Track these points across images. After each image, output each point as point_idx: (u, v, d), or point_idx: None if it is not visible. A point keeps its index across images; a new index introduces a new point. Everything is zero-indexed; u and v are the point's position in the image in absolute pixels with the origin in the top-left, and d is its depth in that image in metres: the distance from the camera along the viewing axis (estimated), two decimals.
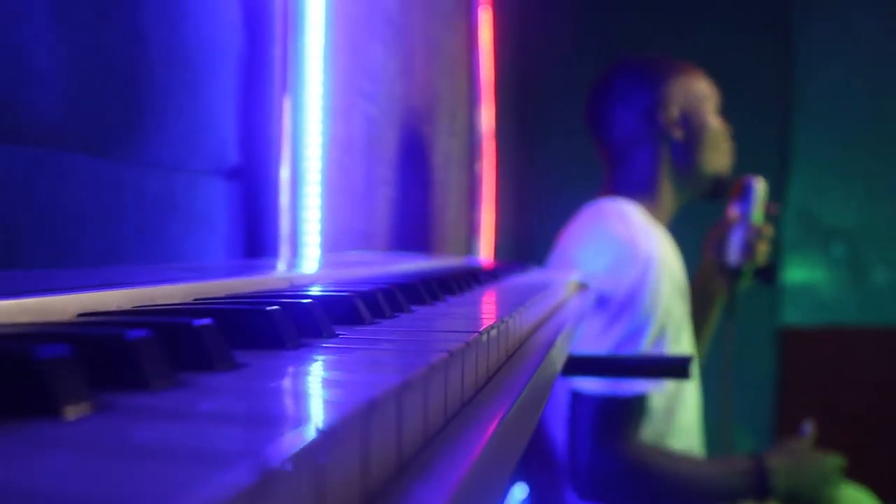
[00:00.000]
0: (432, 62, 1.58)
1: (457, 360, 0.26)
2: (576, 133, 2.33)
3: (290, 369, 0.24)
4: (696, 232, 1.36)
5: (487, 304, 0.50)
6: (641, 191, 1.24)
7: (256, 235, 0.87)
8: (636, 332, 1.10)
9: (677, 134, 1.24)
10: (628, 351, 1.08)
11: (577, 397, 1.09)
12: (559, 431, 1.17)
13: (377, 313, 0.37)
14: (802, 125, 2.28)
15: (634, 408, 1.08)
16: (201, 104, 0.79)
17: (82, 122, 0.63)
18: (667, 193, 1.25)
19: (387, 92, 1.28)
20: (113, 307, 0.35)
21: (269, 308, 0.28)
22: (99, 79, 0.65)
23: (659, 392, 1.15)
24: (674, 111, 1.24)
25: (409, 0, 1.40)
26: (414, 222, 1.44)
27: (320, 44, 0.91)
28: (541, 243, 2.32)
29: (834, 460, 1.15)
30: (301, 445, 0.15)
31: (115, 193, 0.67)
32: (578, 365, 0.79)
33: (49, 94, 0.59)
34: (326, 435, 0.16)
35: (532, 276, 0.88)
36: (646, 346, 1.09)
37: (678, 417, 1.19)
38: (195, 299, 0.40)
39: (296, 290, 0.43)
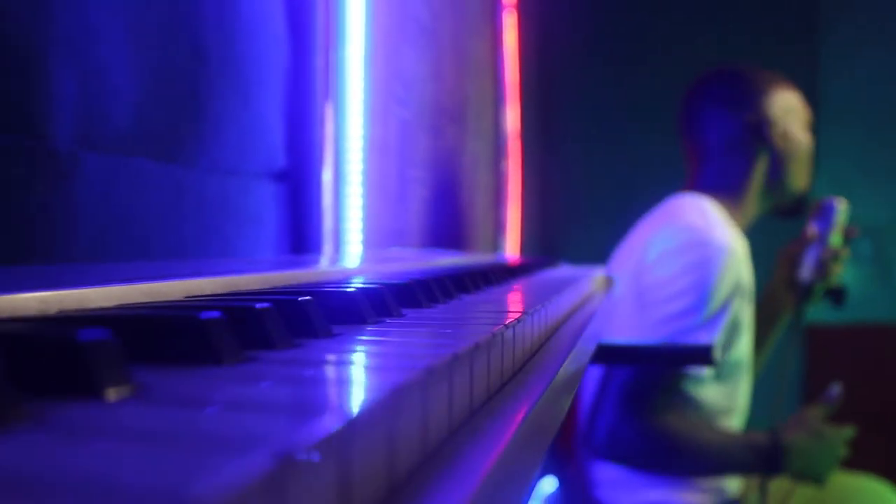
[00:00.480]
0: (460, 66, 1.64)
1: (510, 332, 0.32)
2: (597, 132, 2.36)
3: (378, 337, 0.30)
4: (767, 247, 1.37)
5: (525, 293, 0.55)
6: (728, 195, 1.26)
7: (302, 233, 0.93)
8: (692, 310, 1.11)
9: (780, 147, 1.27)
10: (681, 327, 1.10)
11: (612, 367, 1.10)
12: (587, 396, 1.20)
13: (432, 299, 0.43)
14: (828, 124, 2.29)
15: (665, 383, 1.10)
16: (253, 113, 0.85)
17: (151, 132, 0.69)
18: (751, 203, 1.27)
19: (418, 96, 1.34)
20: (207, 292, 0.41)
21: (349, 290, 0.34)
22: (165, 92, 0.71)
23: (717, 388, 1.16)
24: (780, 125, 1.27)
25: (439, 7, 1.46)
26: (444, 220, 1.49)
27: (360, 54, 0.97)
28: (565, 240, 2.36)
29: (847, 433, 1.16)
30: (410, 379, 0.20)
31: (178, 195, 0.73)
32: (606, 352, 0.84)
33: (124, 107, 0.66)
34: (427, 371, 0.21)
35: (561, 270, 0.93)
36: (700, 322, 1.10)
37: (728, 421, 1.21)
38: (272, 287, 0.45)
39: (362, 280, 0.49)
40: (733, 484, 1.21)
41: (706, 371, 1.13)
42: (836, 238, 1.30)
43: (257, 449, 0.14)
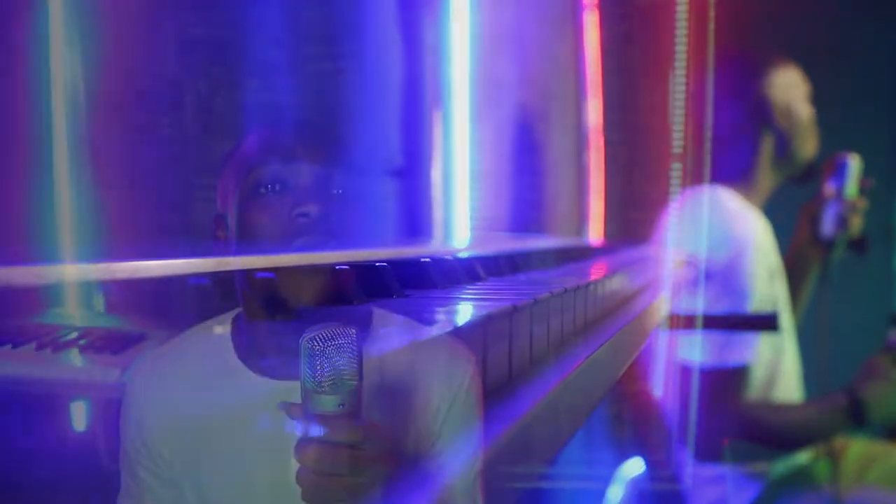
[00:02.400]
0: (546, 66, 1.77)
1: (610, 279, 0.47)
2: None
3: (522, 279, 0.45)
4: (788, 208, 1.45)
5: (611, 264, 0.70)
6: (740, 180, 1.35)
7: (415, 221, 1.11)
8: (737, 310, 1.18)
9: (782, 125, 1.34)
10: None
11: (685, 371, 1.20)
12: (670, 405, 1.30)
13: (547, 265, 0.58)
14: None
15: (738, 376, 1.19)
16: (378, 120, 1.03)
17: (308, 140, 0.87)
18: (764, 180, 1.36)
19: (510, 98, 1.49)
20: (404, 255, 0.57)
21: (509, 256, 0.50)
22: (319, 109, 0.89)
23: (758, 363, 1.26)
24: (780, 104, 1.34)
25: (526, 15, 1.60)
26: (532, 208, 1.64)
27: (464, 67, 1.13)
28: (644, 226, 2.44)
29: None
30: (540, 296, 0.36)
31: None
32: (680, 321, 0.97)
33: (290, 121, 0.84)
34: (550, 294, 0.37)
35: (638, 252, 1.06)
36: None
37: (779, 386, 1.29)
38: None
39: (499, 253, 0.65)
40: (803, 453, 1.28)
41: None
42: (852, 191, 1.36)
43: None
